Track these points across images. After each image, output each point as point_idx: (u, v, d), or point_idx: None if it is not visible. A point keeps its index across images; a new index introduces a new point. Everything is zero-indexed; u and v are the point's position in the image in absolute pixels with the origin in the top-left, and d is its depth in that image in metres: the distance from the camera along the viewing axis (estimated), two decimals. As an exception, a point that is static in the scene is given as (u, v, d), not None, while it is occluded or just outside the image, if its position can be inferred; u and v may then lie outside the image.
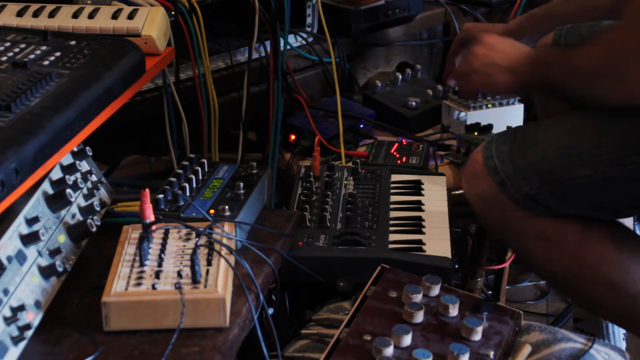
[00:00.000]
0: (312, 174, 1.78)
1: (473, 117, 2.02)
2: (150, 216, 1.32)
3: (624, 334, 1.89)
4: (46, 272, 1.26)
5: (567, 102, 1.67)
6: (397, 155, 1.92)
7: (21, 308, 1.17)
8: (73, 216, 1.38)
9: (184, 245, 1.32)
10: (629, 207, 1.52)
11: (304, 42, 2.16)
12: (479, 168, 1.55)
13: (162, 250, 1.31)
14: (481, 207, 1.58)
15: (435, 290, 1.41)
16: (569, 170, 1.46)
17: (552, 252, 1.52)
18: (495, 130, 1.97)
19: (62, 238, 1.34)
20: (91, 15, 1.65)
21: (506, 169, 1.51)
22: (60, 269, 1.26)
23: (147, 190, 1.31)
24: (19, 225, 1.24)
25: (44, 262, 1.27)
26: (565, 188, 1.47)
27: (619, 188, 1.45)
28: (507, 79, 1.63)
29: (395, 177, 1.82)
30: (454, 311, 1.36)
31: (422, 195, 1.77)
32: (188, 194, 1.49)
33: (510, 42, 1.69)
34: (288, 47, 2.07)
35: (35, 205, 1.29)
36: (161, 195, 1.45)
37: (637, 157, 1.40)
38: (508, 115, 2.05)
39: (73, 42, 1.52)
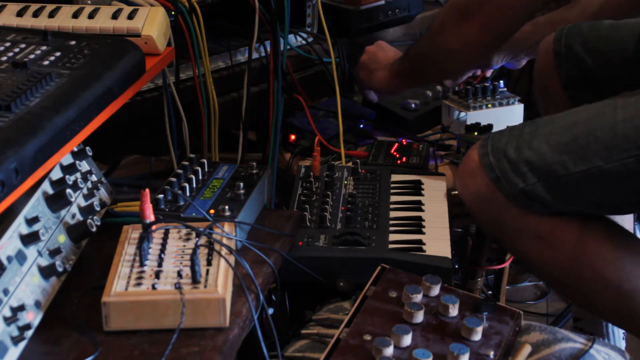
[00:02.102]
0: (312, 174, 1.78)
1: (473, 117, 2.02)
2: (150, 216, 1.32)
3: (623, 333, 1.89)
4: (46, 272, 1.26)
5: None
6: (397, 155, 1.92)
7: (21, 308, 1.17)
8: (73, 216, 1.38)
9: (184, 245, 1.32)
10: (626, 203, 1.52)
11: (304, 42, 2.16)
12: (474, 165, 1.55)
13: (162, 250, 1.31)
14: (476, 205, 1.58)
15: (435, 290, 1.41)
16: (566, 166, 1.46)
17: (548, 251, 1.52)
18: (494, 131, 1.97)
19: (62, 238, 1.34)
20: (91, 15, 1.65)
21: (501, 165, 1.51)
22: (60, 269, 1.26)
23: (147, 190, 1.31)
24: (19, 225, 1.24)
25: (44, 262, 1.27)
26: (562, 184, 1.47)
27: (617, 184, 1.45)
28: (383, 74, 1.93)
29: (395, 177, 1.82)
30: (454, 311, 1.36)
31: (422, 195, 1.77)
32: (188, 194, 1.49)
33: (395, 49, 2.01)
34: (288, 47, 2.07)
35: (35, 205, 1.29)
36: (161, 195, 1.46)
37: (634, 152, 1.40)
38: (508, 115, 2.05)
39: (73, 42, 1.52)
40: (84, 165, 1.47)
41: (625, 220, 1.80)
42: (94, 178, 1.48)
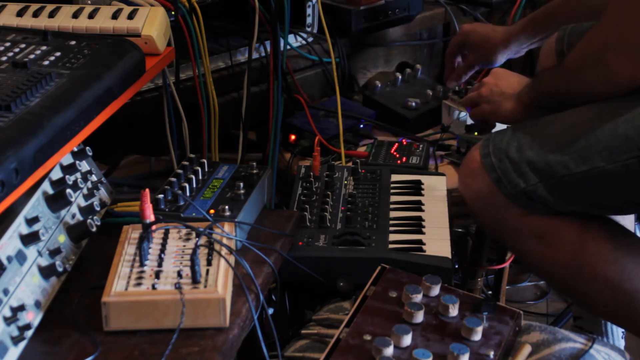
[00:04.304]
0: (312, 174, 1.78)
1: (473, 117, 2.02)
2: (150, 216, 1.32)
3: (622, 332, 1.89)
4: (46, 272, 1.26)
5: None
6: (397, 155, 1.92)
7: (21, 308, 1.17)
8: (73, 216, 1.38)
9: (184, 245, 1.32)
10: (627, 203, 1.52)
11: (304, 42, 2.16)
12: (475, 165, 1.56)
13: (162, 250, 1.31)
14: (477, 205, 1.58)
15: (435, 290, 1.41)
16: (567, 166, 1.46)
17: (548, 251, 1.52)
18: (495, 131, 1.96)
19: (62, 238, 1.34)
20: (91, 15, 1.65)
21: (502, 166, 1.51)
22: (60, 269, 1.26)
23: (147, 190, 1.31)
24: (19, 225, 1.24)
25: (44, 262, 1.27)
26: (563, 184, 1.47)
27: (617, 184, 1.45)
28: (512, 106, 1.70)
29: (395, 177, 1.82)
30: (454, 311, 1.36)
31: (422, 195, 1.77)
32: (188, 194, 1.49)
33: (516, 74, 1.78)
34: (288, 47, 2.07)
35: (35, 205, 1.29)
36: (161, 195, 1.46)
37: (635, 152, 1.40)
38: (508, 115, 2.05)
39: (73, 42, 1.52)
40: (84, 165, 1.47)
41: (626, 220, 1.80)
42: (94, 178, 1.48)
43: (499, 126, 1.93)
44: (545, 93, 1.63)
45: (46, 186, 1.34)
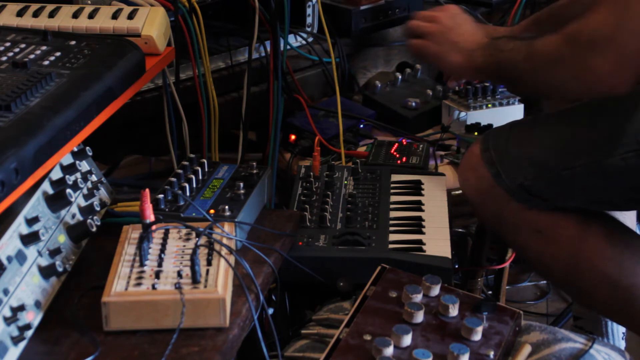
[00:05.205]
0: (312, 174, 1.78)
1: (473, 117, 2.02)
2: (150, 216, 1.32)
3: (623, 332, 1.89)
4: (46, 272, 1.26)
5: (512, 90, 1.75)
6: (397, 155, 1.92)
7: (21, 308, 1.18)
8: (73, 216, 1.38)
9: (184, 245, 1.32)
10: (626, 200, 1.52)
11: (304, 42, 2.16)
12: (475, 160, 1.56)
13: (162, 250, 1.31)
14: (477, 199, 1.58)
15: (435, 290, 1.41)
16: (566, 160, 1.46)
17: (547, 246, 1.52)
18: (496, 127, 1.96)
19: (62, 238, 1.34)
20: (91, 15, 1.65)
21: (502, 160, 1.52)
22: (60, 269, 1.27)
23: (147, 190, 1.31)
24: (19, 225, 1.24)
25: (44, 262, 1.27)
26: (562, 179, 1.47)
27: (616, 179, 1.45)
28: (460, 61, 1.62)
29: (395, 177, 1.82)
30: (454, 311, 1.36)
31: (422, 195, 1.77)
32: (188, 194, 1.49)
33: (472, 23, 1.66)
34: (288, 47, 2.07)
35: (35, 205, 1.29)
36: (161, 195, 1.46)
37: (633, 146, 1.40)
38: (508, 115, 2.05)
39: (73, 42, 1.52)
40: (84, 165, 1.47)
41: (627, 218, 1.80)
42: (94, 178, 1.48)
43: (495, 120, 1.93)
44: (505, 68, 1.54)
45: (46, 186, 1.34)
